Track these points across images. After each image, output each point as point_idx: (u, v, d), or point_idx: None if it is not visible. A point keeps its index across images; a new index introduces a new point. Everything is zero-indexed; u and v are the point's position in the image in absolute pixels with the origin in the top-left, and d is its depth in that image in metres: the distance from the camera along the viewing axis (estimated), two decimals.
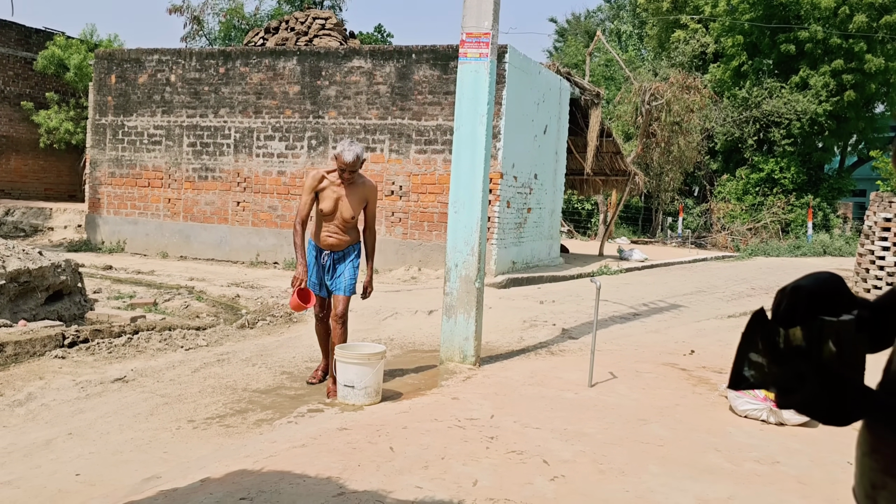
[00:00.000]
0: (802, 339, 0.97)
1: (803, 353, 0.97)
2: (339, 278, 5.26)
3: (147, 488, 3.28)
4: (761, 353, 0.98)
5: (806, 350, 0.97)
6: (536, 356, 6.40)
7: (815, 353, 0.96)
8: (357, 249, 5.34)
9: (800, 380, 0.97)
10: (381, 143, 12.52)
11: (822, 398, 0.97)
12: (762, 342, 0.98)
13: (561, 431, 4.18)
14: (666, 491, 3.38)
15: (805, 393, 0.97)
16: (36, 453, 3.98)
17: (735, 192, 25.14)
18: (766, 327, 0.99)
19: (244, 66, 13.41)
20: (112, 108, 14.46)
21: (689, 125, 21.56)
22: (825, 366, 0.96)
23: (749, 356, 0.99)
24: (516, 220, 12.49)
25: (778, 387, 0.99)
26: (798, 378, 0.97)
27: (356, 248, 5.35)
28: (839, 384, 0.95)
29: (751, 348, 0.99)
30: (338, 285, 5.25)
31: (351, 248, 5.32)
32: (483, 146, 5.79)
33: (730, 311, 9.55)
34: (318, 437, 3.94)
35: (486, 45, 5.79)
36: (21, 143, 20.66)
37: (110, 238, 14.49)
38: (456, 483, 3.30)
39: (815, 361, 0.97)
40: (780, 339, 0.98)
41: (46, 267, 7.51)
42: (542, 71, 13.03)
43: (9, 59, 20.39)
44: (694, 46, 25.90)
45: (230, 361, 6.09)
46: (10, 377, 5.38)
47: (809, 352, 0.96)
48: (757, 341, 0.99)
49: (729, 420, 4.63)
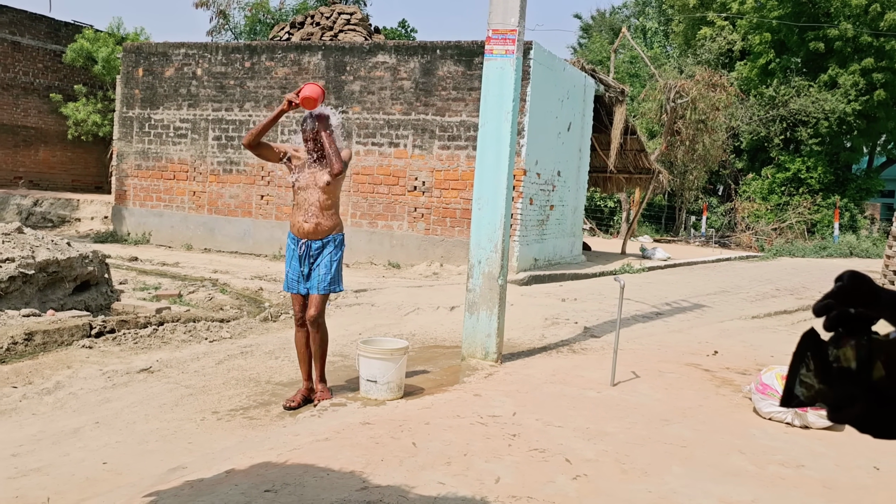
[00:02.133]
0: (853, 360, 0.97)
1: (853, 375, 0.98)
2: (313, 272, 4.74)
3: (173, 478, 3.32)
4: (811, 373, 0.99)
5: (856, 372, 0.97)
6: (558, 354, 6.39)
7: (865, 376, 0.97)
8: (338, 240, 4.82)
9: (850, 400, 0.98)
10: (405, 139, 12.53)
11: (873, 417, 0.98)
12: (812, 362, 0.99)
13: (583, 430, 4.17)
14: (689, 492, 3.36)
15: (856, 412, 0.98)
16: (64, 441, 4.04)
17: (760, 191, 24.87)
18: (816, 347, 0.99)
19: (269, 61, 13.48)
20: (139, 101, 14.61)
21: (714, 123, 21.34)
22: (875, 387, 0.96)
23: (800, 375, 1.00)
24: (539, 217, 12.45)
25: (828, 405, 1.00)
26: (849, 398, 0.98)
27: (338, 238, 4.82)
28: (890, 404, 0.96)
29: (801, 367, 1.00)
30: (311, 282, 4.74)
31: (331, 238, 4.78)
32: (508, 143, 5.78)
33: (754, 312, 9.47)
34: (341, 431, 3.97)
35: (513, 42, 5.78)
36: (49, 135, 20.95)
37: (136, 230, 14.65)
38: (478, 480, 3.31)
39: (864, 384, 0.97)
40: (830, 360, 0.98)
41: (74, 258, 7.62)
42: (567, 68, 12.97)
43: (38, 51, 20.67)
44: (720, 44, 25.64)
45: (253, 354, 6.14)
46: (38, 366, 5.47)
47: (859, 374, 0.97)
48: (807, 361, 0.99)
49: (753, 422, 4.59)
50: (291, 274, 4.78)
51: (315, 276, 4.72)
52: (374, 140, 12.75)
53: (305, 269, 4.72)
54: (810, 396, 1.00)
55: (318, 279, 4.71)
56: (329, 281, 4.72)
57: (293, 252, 4.77)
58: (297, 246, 4.75)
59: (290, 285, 4.80)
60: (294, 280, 4.77)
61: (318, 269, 4.71)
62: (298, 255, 4.74)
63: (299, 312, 4.83)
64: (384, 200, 12.70)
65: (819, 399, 1.00)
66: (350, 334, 7.01)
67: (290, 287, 4.80)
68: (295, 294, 4.81)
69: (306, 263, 4.73)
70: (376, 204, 12.76)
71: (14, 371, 5.30)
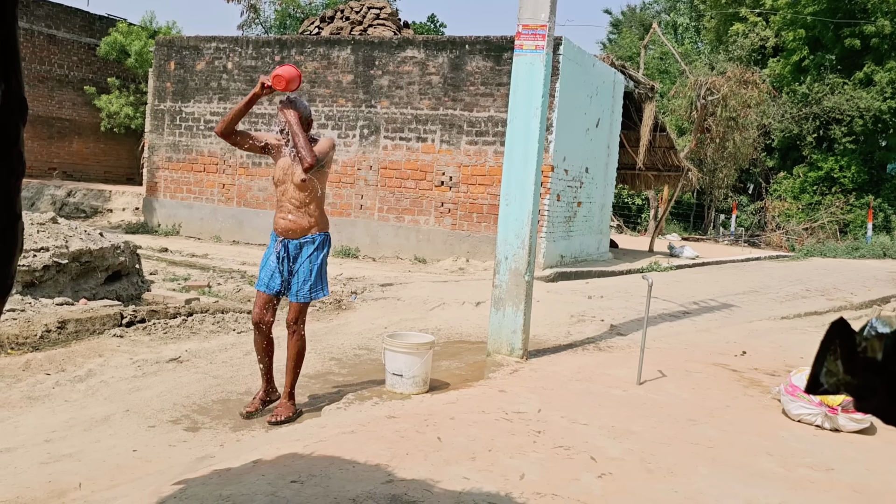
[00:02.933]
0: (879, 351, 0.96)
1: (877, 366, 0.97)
2: (293, 278, 4.36)
3: (201, 467, 3.37)
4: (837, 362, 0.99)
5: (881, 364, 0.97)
6: (584, 351, 6.36)
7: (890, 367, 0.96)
8: (319, 241, 4.38)
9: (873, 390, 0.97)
10: (433, 134, 12.54)
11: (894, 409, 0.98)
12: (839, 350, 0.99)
13: (609, 428, 4.15)
14: (715, 493, 3.33)
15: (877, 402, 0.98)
16: (95, 428, 4.11)
17: (791, 190, 24.51)
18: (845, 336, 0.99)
19: (299, 55, 13.56)
20: (170, 94, 14.78)
21: (745, 121, 21.07)
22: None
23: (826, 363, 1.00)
24: (566, 214, 12.40)
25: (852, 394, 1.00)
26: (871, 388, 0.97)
27: (318, 238, 4.37)
28: None
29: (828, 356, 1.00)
30: (292, 288, 4.37)
31: (310, 239, 4.35)
32: (536, 139, 5.76)
33: (783, 313, 9.34)
34: (366, 424, 3.99)
35: (543, 38, 5.75)
36: (83, 127, 21.28)
37: (166, 221, 14.85)
38: (503, 476, 3.31)
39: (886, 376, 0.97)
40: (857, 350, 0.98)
41: (107, 248, 7.74)
42: (596, 63, 12.88)
43: (73, 44, 21.00)
44: (753, 40, 25.28)
45: (280, 346, 6.18)
46: (71, 354, 5.57)
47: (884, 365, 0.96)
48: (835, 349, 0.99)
49: (781, 424, 4.54)
50: (265, 270, 4.41)
51: (294, 283, 4.35)
52: (402, 135, 12.77)
53: (285, 271, 4.37)
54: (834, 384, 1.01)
55: (297, 286, 4.34)
56: (309, 288, 4.34)
57: (272, 249, 4.42)
58: (275, 243, 4.40)
59: (259, 281, 4.42)
60: (266, 277, 4.38)
61: (296, 276, 4.35)
62: (276, 254, 4.37)
63: (259, 313, 4.38)
64: (411, 195, 12.72)
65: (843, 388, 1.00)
66: (376, 328, 7.04)
67: (260, 283, 4.41)
68: (261, 292, 4.39)
69: (286, 265, 4.36)
70: (403, 198, 12.79)
71: (47, 358, 5.41)
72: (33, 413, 4.31)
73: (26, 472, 3.50)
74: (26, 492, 3.30)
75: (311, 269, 4.34)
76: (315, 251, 4.34)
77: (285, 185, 4.32)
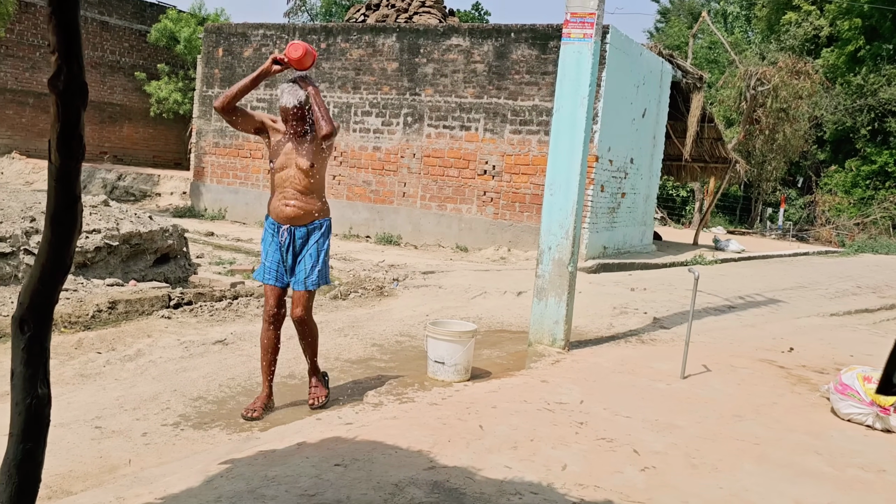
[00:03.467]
0: None
1: None
2: (298, 265, 4.20)
3: (247, 448, 3.42)
4: None
5: None
6: (626, 344, 6.30)
7: None
8: (326, 226, 4.25)
9: None
10: (476, 122, 12.50)
11: None
12: None
13: (652, 422, 4.11)
14: (761, 491, 3.27)
15: None
16: (143, 406, 4.21)
17: (843, 184, 23.88)
18: None
19: (344, 42, 13.62)
20: (218, 80, 14.99)
21: (796, 112, 20.58)
22: None
23: None
24: (610, 205, 12.27)
25: None
26: None
27: (325, 223, 4.24)
28: None
29: None
30: (297, 276, 4.20)
31: (318, 225, 4.21)
32: (582, 129, 5.70)
33: (832, 310, 9.12)
34: (409, 411, 4.01)
35: (591, 26, 5.67)
36: (133, 112, 21.74)
37: (212, 205, 15.09)
38: (545, 466, 3.30)
39: None
40: None
41: (155, 231, 7.90)
42: (644, 52, 12.68)
43: (125, 31, 21.43)
44: (806, 29, 24.62)
45: (323, 331, 6.24)
46: (121, 333, 5.71)
47: None
48: None
49: (831, 423, 4.44)
50: (269, 263, 4.19)
51: (300, 270, 4.18)
52: (446, 123, 12.76)
53: (289, 260, 4.20)
54: None
55: (305, 273, 4.18)
56: (317, 275, 4.21)
57: (273, 239, 4.20)
58: (279, 233, 4.18)
59: (266, 275, 4.21)
60: (273, 270, 4.19)
61: (303, 262, 4.18)
62: (279, 244, 4.18)
63: (273, 307, 4.21)
64: (454, 183, 12.71)
65: None
66: (417, 315, 7.07)
67: (267, 277, 4.20)
68: (273, 286, 4.20)
69: (289, 253, 4.19)
70: (446, 187, 12.79)
71: (98, 337, 5.55)
72: (85, 390, 4.43)
73: (78, 446, 3.60)
74: (78, 466, 3.39)
75: (319, 255, 4.21)
76: (321, 237, 4.22)
77: (287, 170, 4.11)
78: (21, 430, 1.79)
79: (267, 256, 4.21)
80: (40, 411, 1.81)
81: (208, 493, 2.83)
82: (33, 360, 1.79)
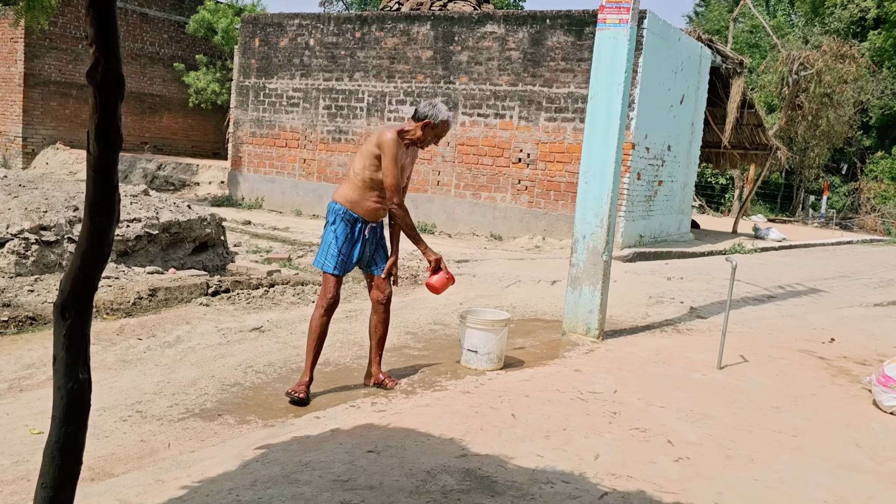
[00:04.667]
0: None
1: None
2: (377, 256, 4.49)
3: (282, 433, 3.48)
4: None
5: None
6: (662, 333, 6.24)
7: None
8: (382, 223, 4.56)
9: None
10: (511, 110, 12.43)
11: None
12: None
13: (687, 412, 4.07)
14: (799, 483, 3.23)
15: None
16: (182, 392, 4.30)
17: (890, 171, 23.24)
18: None
19: (379, 31, 13.63)
20: (255, 71, 15.13)
21: (840, 97, 20.08)
22: None
23: None
24: (646, 193, 12.12)
25: None
26: None
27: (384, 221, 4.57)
28: None
29: None
30: (378, 265, 4.49)
31: (381, 222, 4.55)
32: (618, 116, 5.63)
33: (876, 300, 8.91)
34: (441, 399, 4.04)
35: (627, 11, 5.59)
36: (172, 102, 22.06)
37: (249, 195, 15.28)
38: (577, 455, 3.30)
39: None
40: None
41: (194, 220, 8.03)
42: (682, 37, 12.47)
43: (164, 22, 21.72)
44: (852, 11, 23.95)
45: (357, 318, 6.31)
46: (161, 320, 5.83)
47: None
48: None
49: (872, 415, 4.35)
50: (342, 254, 4.32)
51: (379, 259, 4.47)
52: (480, 111, 12.71)
53: (367, 253, 4.42)
54: None
55: (383, 262, 4.48)
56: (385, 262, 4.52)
57: (356, 234, 4.35)
58: (362, 228, 4.36)
59: (338, 265, 4.33)
60: (343, 260, 4.33)
61: (379, 253, 4.48)
62: (361, 237, 4.36)
63: (335, 296, 4.37)
64: (488, 172, 12.68)
65: None
66: (451, 303, 7.08)
67: (337, 267, 4.33)
68: (338, 276, 4.35)
69: (370, 246, 4.42)
70: (480, 175, 12.76)
71: (139, 324, 5.67)
72: (126, 375, 4.53)
73: (120, 430, 3.69)
74: (120, 449, 3.48)
75: (386, 246, 4.56)
76: (382, 231, 4.54)
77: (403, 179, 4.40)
78: (63, 413, 1.84)
79: (340, 248, 4.31)
80: (81, 395, 1.86)
81: (244, 477, 2.88)
82: (74, 346, 1.84)
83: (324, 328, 4.35)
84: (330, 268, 4.32)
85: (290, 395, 4.20)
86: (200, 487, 2.79)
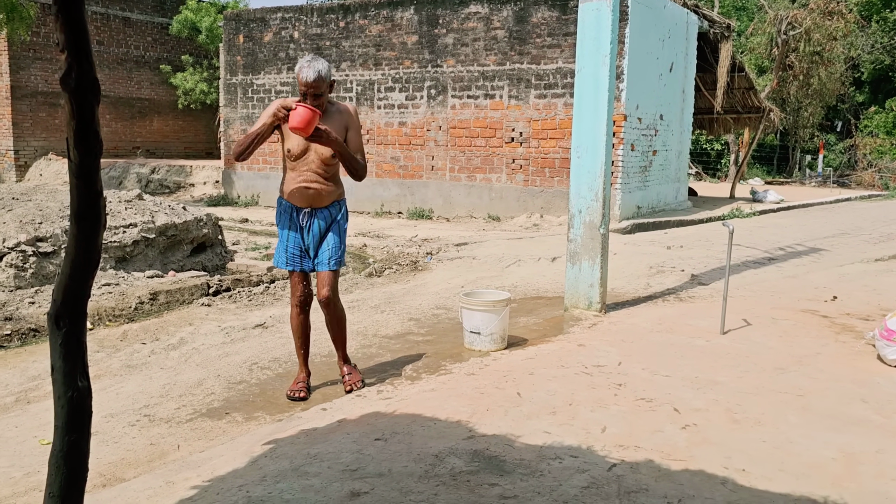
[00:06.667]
0: None
1: None
2: (322, 247, 4.10)
3: (289, 427, 3.49)
4: None
5: None
6: (664, 303, 6.24)
7: None
8: (343, 207, 4.18)
9: None
10: (500, 90, 12.38)
11: None
12: None
13: (692, 379, 4.08)
14: (806, 442, 3.24)
15: None
16: (188, 393, 4.31)
17: (884, 125, 23.16)
18: None
19: (363, 19, 13.55)
20: (241, 68, 15.06)
21: (831, 54, 19.96)
22: None
23: None
24: (641, 164, 12.09)
25: None
26: None
27: (342, 205, 4.18)
28: None
29: None
30: (321, 257, 4.09)
31: (336, 206, 4.14)
32: (606, 88, 5.60)
33: (877, 255, 8.91)
34: (446, 382, 4.04)
35: None
36: (161, 105, 21.99)
37: (245, 192, 15.25)
38: (584, 429, 3.31)
39: None
40: None
41: (190, 221, 8.02)
42: (668, 5, 12.38)
43: (147, 25, 21.60)
44: None
45: (360, 308, 6.32)
46: (164, 323, 5.84)
47: None
48: None
49: (877, 370, 4.35)
50: (291, 248, 4.10)
51: (325, 251, 4.09)
52: (470, 93, 12.66)
53: (311, 243, 4.10)
54: None
55: (330, 254, 4.08)
56: (340, 254, 4.13)
57: (292, 223, 4.10)
58: (297, 215, 4.08)
59: (289, 261, 4.12)
60: (296, 256, 4.10)
61: (327, 243, 4.09)
62: (301, 227, 4.09)
63: (302, 293, 4.17)
64: (482, 153, 12.65)
65: None
66: (452, 287, 7.09)
67: (291, 263, 4.11)
68: (297, 272, 4.15)
69: (310, 236, 4.09)
70: (474, 157, 12.73)
71: (142, 329, 5.68)
72: (132, 380, 4.55)
73: (129, 435, 3.71)
74: (129, 454, 3.50)
75: (341, 234, 4.16)
76: (341, 216, 4.16)
77: (308, 155, 3.99)
78: (65, 422, 1.84)
79: (288, 242, 4.11)
80: (82, 403, 1.86)
81: (253, 473, 2.89)
82: (71, 355, 1.84)
83: (302, 324, 4.25)
84: (282, 264, 4.16)
85: (290, 396, 4.18)
86: (210, 486, 2.80)
